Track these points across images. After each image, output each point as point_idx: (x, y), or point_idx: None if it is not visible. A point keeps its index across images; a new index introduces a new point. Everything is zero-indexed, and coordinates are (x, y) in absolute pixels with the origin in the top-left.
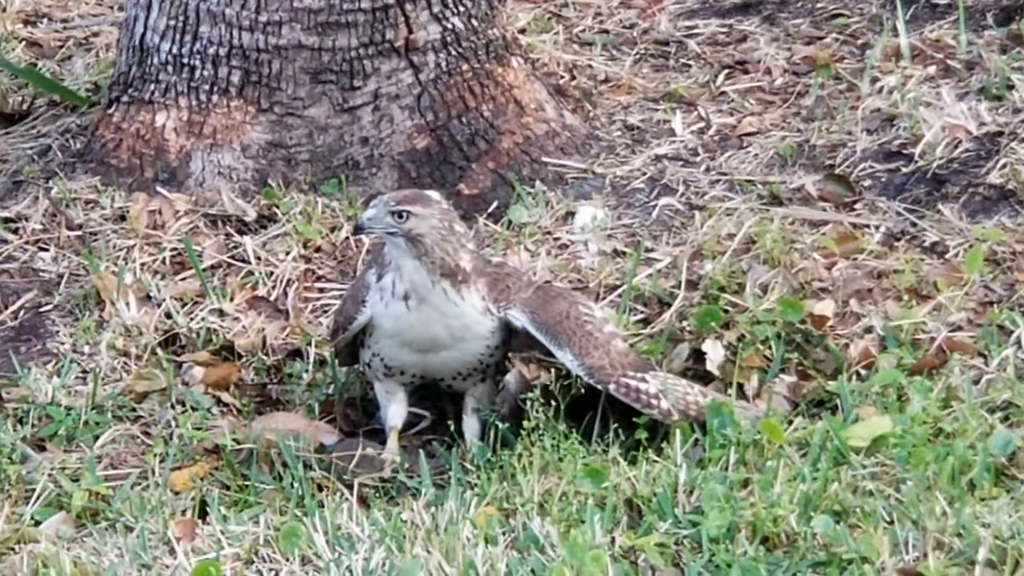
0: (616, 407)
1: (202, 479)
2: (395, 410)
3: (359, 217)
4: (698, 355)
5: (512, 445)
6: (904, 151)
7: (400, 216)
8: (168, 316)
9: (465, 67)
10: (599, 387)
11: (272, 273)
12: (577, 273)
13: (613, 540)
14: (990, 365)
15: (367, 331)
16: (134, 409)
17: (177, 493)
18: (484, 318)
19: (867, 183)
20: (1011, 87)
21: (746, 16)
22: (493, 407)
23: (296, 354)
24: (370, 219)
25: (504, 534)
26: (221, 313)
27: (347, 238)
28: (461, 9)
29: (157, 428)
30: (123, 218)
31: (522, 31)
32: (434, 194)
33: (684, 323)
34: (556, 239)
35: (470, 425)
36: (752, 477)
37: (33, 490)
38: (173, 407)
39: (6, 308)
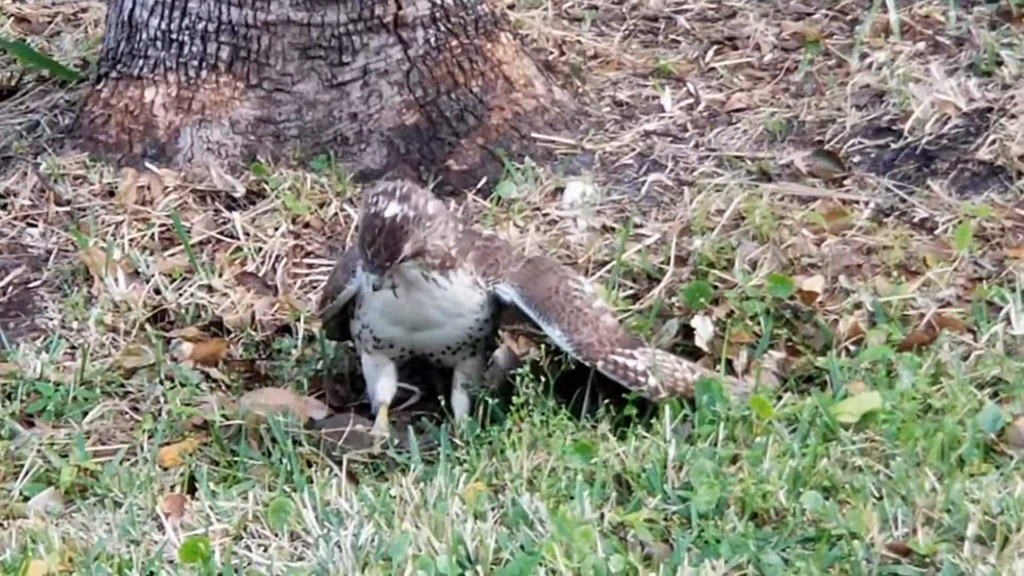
0: (605, 384)
1: (191, 455)
2: (384, 385)
3: (372, 282)
4: (687, 331)
5: (501, 421)
6: (893, 127)
7: (403, 260)
8: (157, 292)
9: (454, 43)
10: (587, 364)
11: (261, 249)
12: (566, 249)
13: (602, 516)
14: (979, 341)
15: (356, 302)
16: (123, 385)
17: (166, 469)
18: (473, 292)
19: (856, 159)
20: (1000, 63)
21: None
22: (483, 383)
23: (285, 330)
24: (379, 281)
25: (493, 510)
26: (210, 289)
27: (336, 214)
28: None
29: (146, 404)
30: (112, 194)
31: (511, 7)
32: (396, 210)
33: (673, 299)
34: (545, 215)
35: (459, 400)
36: (741, 453)
37: (21, 466)
38: (162, 383)
39: None
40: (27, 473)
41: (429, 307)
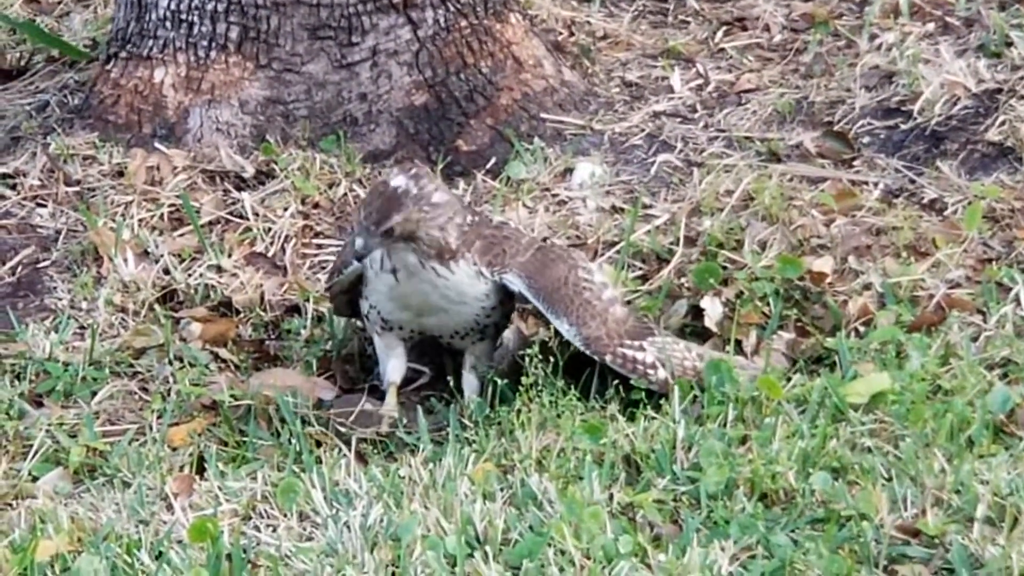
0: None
1: (200, 435)
2: (394, 365)
3: (356, 247)
4: (696, 311)
5: (510, 401)
6: (903, 108)
7: (388, 234)
8: (166, 272)
9: (463, 23)
10: (595, 358)
11: (270, 229)
12: (575, 229)
13: (611, 496)
14: (989, 322)
15: (363, 281)
16: (132, 365)
17: (175, 449)
18: (477, 281)
19: (866, 140)
20: (1010, 44)
21: None
22: (492, 364)
23: (294, 310)
24: (364, 247)
25: (502, 490)
26: (219, 269)
27: (345, 194)
28: None
29: (155, 384)
30: (121, 174)
31: None
32: (402, 182)
33: (682, 279)
34: (554, 195)
35: (469, 381)
36: (750, 434)
37: (31, 446)
38: (171, 363)
39: (4, 264)
40: (36, 453)
41: (432, 294)
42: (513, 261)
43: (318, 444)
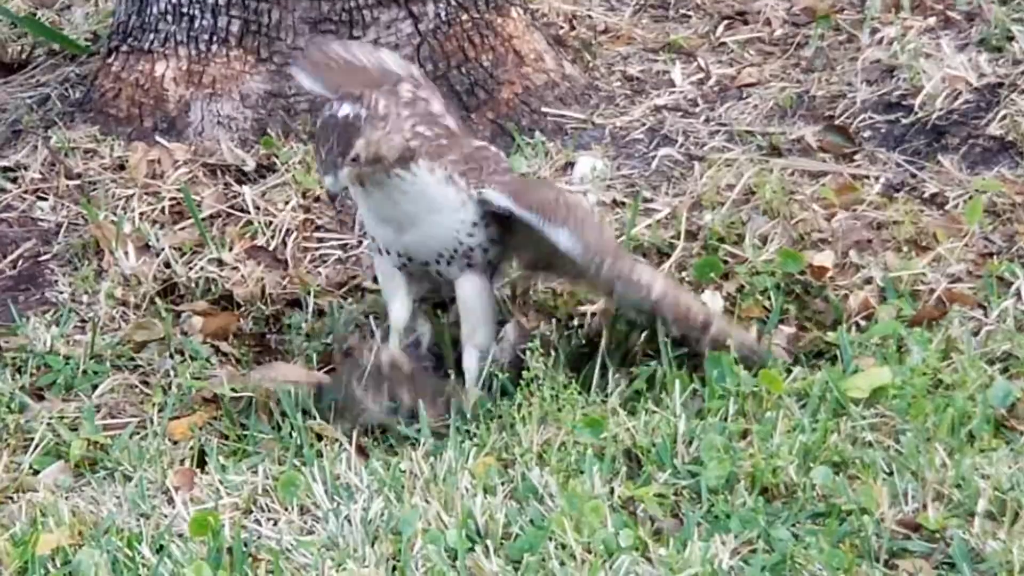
0: (615, 356)
1: (200, 428)
2: (396, 309)
3: (327, 187)
4: None
5: (511, 395)
6: (904, 102)
7: (355, 161)
8: (167, 265)
9: (464, 17)
10: (594, 265)
11: (271, 223)
12: None
13: (612, 490)
14: (990, 316)
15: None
16: (133, 358)
17: (175, 442)
18: (447, 188)
19: (867, 134)
20: (1011, 38)
21: None
22: (494, 343)
23: (295, 304)
24: (334, 183)
25: (503, 484)
26: (220, 263)
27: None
28: None
29: (156, 377)
30: (122, 167)
31: None
32: (349, 109)
33: (683, 273)
34: None
35: (469, 362)
36: (751, 428)
37: (32, 439)
38: (172, 356)
39: (5, 257)
40: (37, 447)
41: (402, 202)
42: (492, 178)
43: (319, 437)
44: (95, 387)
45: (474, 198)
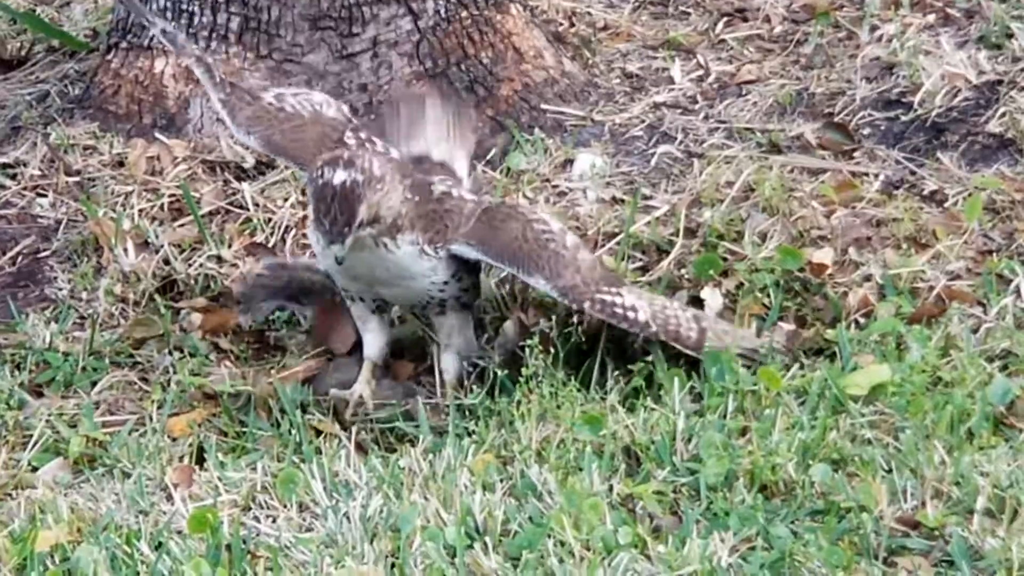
0: (614, 353)
1: (199, 425)
2: (369, 340)
3: (336, 255)
4: (697, 303)
5: (510, 392)
6: (903, 99)
7: (360, 226)
8: (166, 262)
9: (464, 14)
10: (574, 307)
11: (270, 220)
12: (576, 220)
13: (611, 488)
14: (989, 314)
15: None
16: (132, 355)
17: (175, 439)
18: (421, 259)
19: (866, 131)
20: (1010, 36)
21: None
22: (474, 352)
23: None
24: (341, 250)
25: (502, 481)
26: (219, 259)
27: None
28: None
29: (155, 374)
30: (121, 164)
31: None
32: (344, 176)
33: (683, 271)
34: (555, 186)
35: (447, 363)
36: (750, 425)
37: (31, 436)
38: (171, 353)
39: (4, 254)
40: (36, 443)
41: (377, 268)
42: (456, 233)
43: (318, 434)
44: (94, 384)
45: (443, 259)
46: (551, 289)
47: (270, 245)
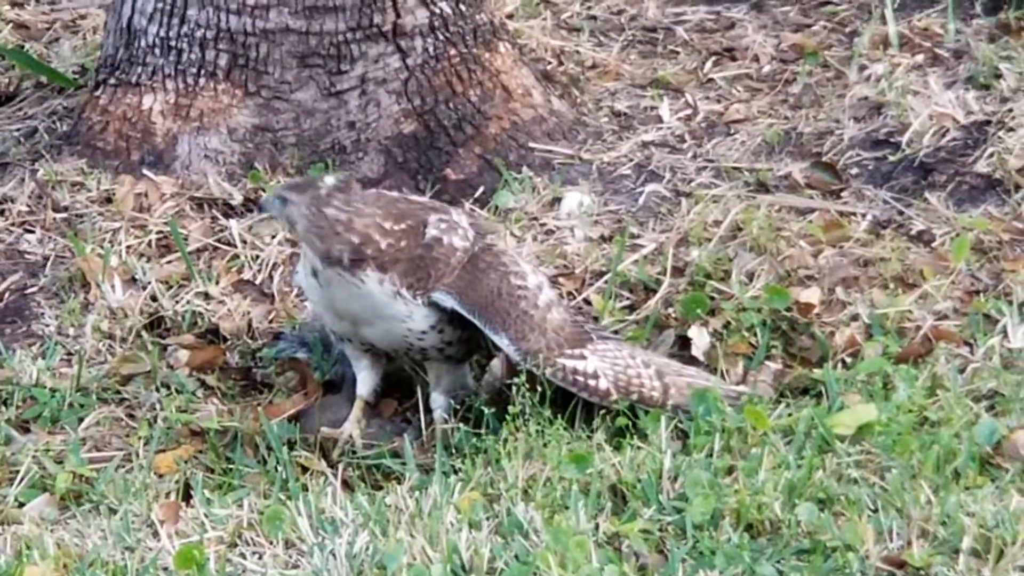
0: None
1: (186, 462)
2: (362, 379)
3: (264, 203)
4: (684, 341)
5: (497, 430)
6: (891, 139)
7: (282, 201)
8: (153, 299)
9: (453, 52)
10: (536, 372)
11: (258, 257)
12: (563, 259)
13: (597, 526)
14: (976, 354)
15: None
16: (119, 391)
17: (161, 476)
18: (395, 301)
19: (854, 171)
20: (999, 76)
21: (734, 3)
22: (461, 390)
23: (280, 337)
24: (265, 201)
25: (488, 519)
26: (206, 296)
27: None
28: None
29: (141, 411)
30: (109, 200)
31: (510, 16)
32: (327, 180)
33: (670, 309)
34: (542, 224)
35: (435, 400)
36: (737, 464)
37: (17, 472)
38: (158, 390)
39: None
40: (22, 479)
41: (352, 303)
42: (439, 283)
43: (304, 471)
44: (81, 420)
45: (422, 306)
46: (515, 351)
47: (257, 282)
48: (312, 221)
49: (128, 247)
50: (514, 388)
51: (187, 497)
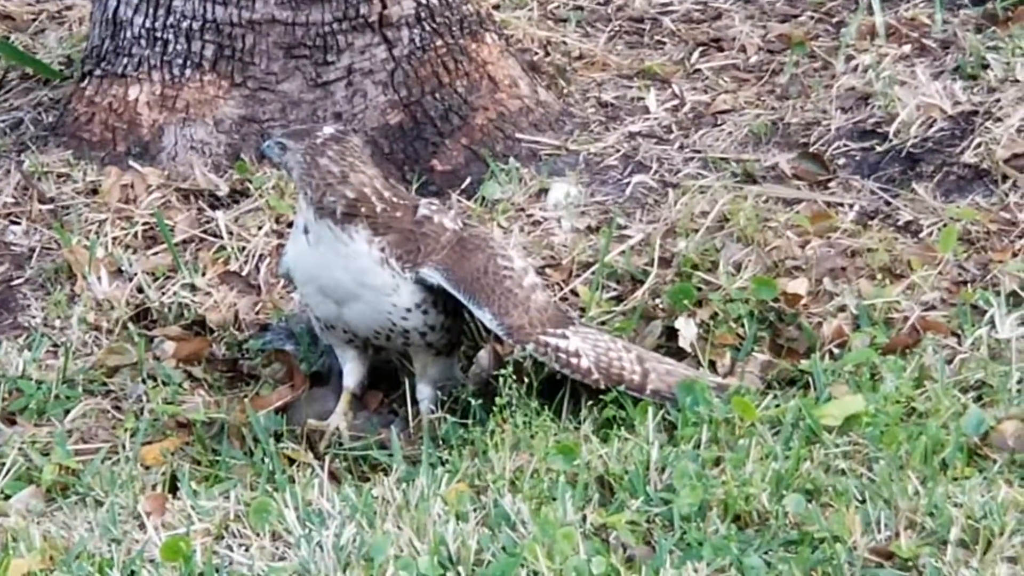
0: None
1: (173, 454)
2: (348, 371)
3: (265, 149)
4: (671, 332)
5: (484, 422)
6: (878, 130)
7: (281, 147)
8: (140, 290)
9: (439, 43)
10: (518, 347)
11: (244, 248)
12: (550, 250)
13: (584, 517)
14: (963, 345)
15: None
16: (105, 383)
17: (147, 468)
18: (381, 269)
19: (841, 161)
20: (986, 66)
21: None
22: (446, 381)
23: (268, 329)
24: (265, 147)
25: (475, 511)
26: (193, 288)
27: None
28: None
29: (128, 402)
30: (95, 192)
31: (496, 7)
32: (325, 129)
33: (657, 300)
34: (529, 216)
35: (421, 391)
36: (724, 455)
37: (3, 464)
38: (144, 381)
39: None
40: (8, 471)
41: (337, 267)
42: (428, 259)
43: (291, 463)
44: (67, 412)
45: (409, 280)
46: (497, 326)
47: (244, 273)
48: (305, 169)
49: (114, 238)
50: (501, 379)
51: (173, 489)
